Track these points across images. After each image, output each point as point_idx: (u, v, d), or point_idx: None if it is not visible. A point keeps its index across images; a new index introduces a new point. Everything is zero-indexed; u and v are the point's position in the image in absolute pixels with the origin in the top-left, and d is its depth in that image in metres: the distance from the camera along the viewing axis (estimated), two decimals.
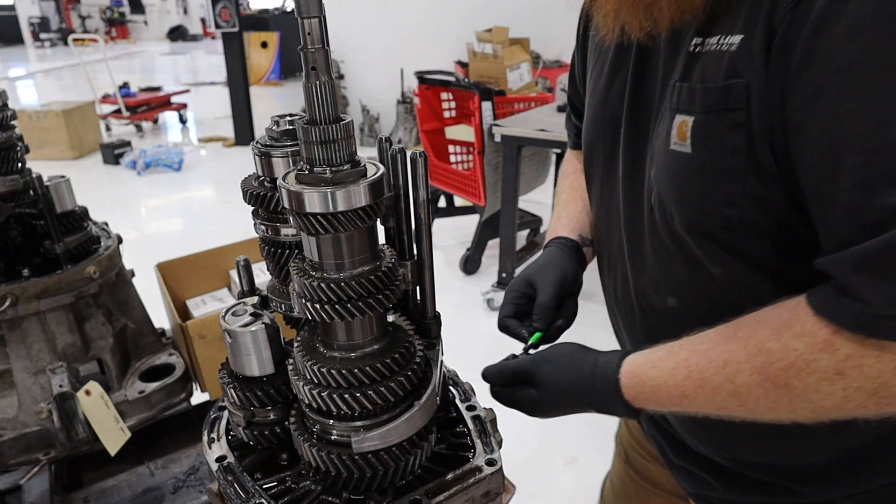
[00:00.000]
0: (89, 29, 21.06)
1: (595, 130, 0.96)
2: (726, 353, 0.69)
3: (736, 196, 0.70)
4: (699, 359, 0.71)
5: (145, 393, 1.44)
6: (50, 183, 1.34)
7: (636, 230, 0.88)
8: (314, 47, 0.56)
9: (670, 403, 0.74)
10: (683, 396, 0.72)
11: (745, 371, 0.67)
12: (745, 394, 0.67)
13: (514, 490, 0.76)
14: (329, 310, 0.61)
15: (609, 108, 0.92)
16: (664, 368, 0.74)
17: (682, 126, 0.73)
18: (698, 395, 0.71)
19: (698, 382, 0.70)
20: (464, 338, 3.27)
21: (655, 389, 0.74)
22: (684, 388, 0.72)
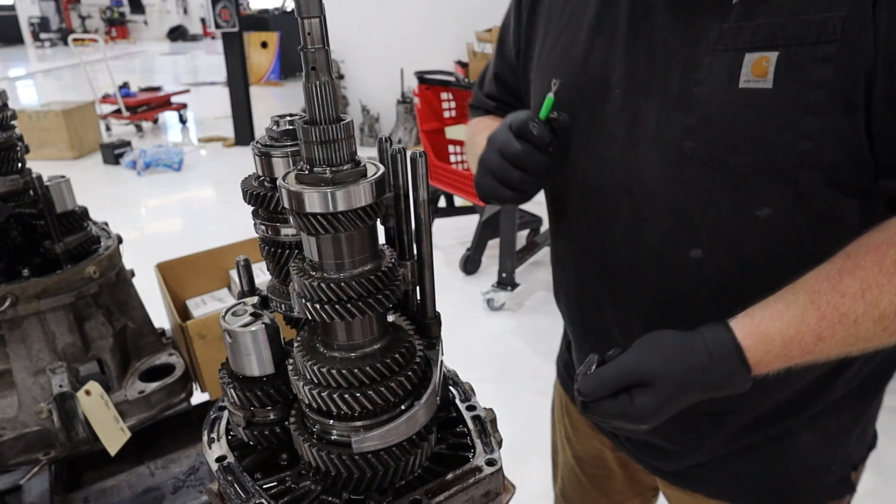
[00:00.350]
0: (89, 29, 21.07)
1: (571, 95, 0.92)
2: (861, 282, 0.68)
3: (815, 129, 0.71)
4: (829, 295, 0.70)
5: (145, 393, 1.44)
6: (50, 183, 1.34)
7: (641, 189, 0.86)
8: (314, 47, 0.56)
9: (802, 353, 0.72)
10: (819, 340, 0.70)
11: (890, 291, 0.67)
12: (892, 315, 0.68)
13: (515, 490, 0.76)
14: (329, 310, 0.61)
15: (591, 70, 0.91)
16: (790, 317, 0.71)
17: (760, 62, 0.73)
18: (837, 333, 0.70)
19: (835, 319, 0.69)
20: (464, 338, 3.27)
21: (788, 342, 0.71)
22: (820, 331, 0.70)
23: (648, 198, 0.86)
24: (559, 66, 0.96)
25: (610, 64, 0.88)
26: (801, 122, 0.72)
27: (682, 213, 0.83)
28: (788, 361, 0.73)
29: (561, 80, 0.89)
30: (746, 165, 0.76)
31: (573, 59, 0.93)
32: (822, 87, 0.70)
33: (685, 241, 0.84)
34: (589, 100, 0.91)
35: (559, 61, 0.97)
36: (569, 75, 0.94)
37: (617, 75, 0.88)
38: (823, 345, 0.71)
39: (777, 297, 0.74)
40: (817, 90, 0.70)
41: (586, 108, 0.92)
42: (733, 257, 0.82)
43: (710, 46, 0.77)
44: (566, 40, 0.95)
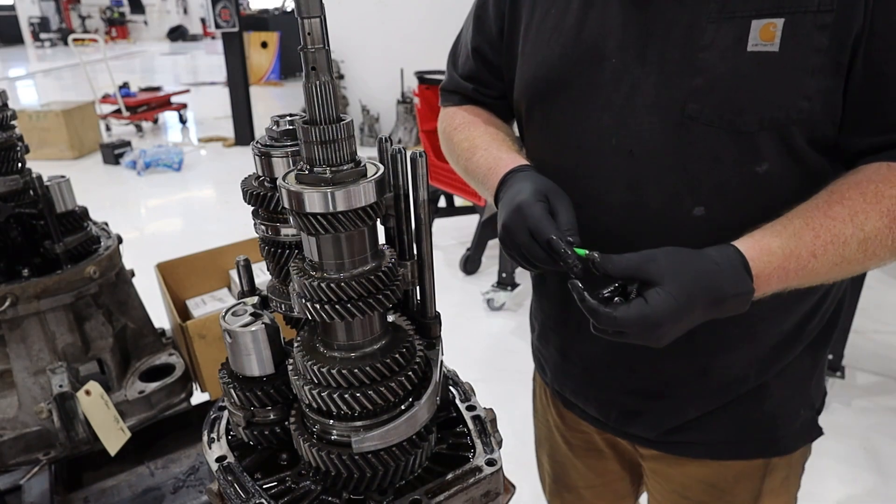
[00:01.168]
0: (89, 29, 21.07)
1: (564, 66, 0.95)
2: (847, 209, 0.78)
3: (811, 90, 0.80)
4: (822, 220, 0.78)
5: (145, 393, 1.44)
6: (50, 183, 1.34)
7: (642, 152, 0.90)
8: (314, 47, 0.56)
9: (798, 268, 0.78)
10: (813, 256, 0.77)
11: (874, 216, 0.77)
12: (873, 239, 0.77)
13: (514, 490, 0.76)
14: (329, 310, 0.61)
15: (585, 41, 0.94)
16: (788, 235, 0.78)
17: (767, 28, 0.80)
18: (829, 252, 0.77)
19: (828, 239, 0.77)
20: (464, 338, 3.27)
21: (787, 255, 0.77)
22: (814, 248, 0.77)
23: (650, 161, 0.90)
24: (550, 38, 0.98)
25: (604, 34, 0.92)
26: (802, 83, 0.80)
27: (686, 173, 0.88)
28: (785, 278, 0.78)
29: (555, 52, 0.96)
30: (752, 123, 0.83)
31: (566, 31, 0.96)
32: (819, 51, 0.78)
33: (688, 200, 0.89)
34: (584, 70, 0.94)
35: (550, 34, 0.98)
36: (562, 46, 0.96)
37: (611, 45, 0.91)
38: (816, 262, 0.78)
39: (773, 222, 0.81)
40: (816, 54, 0.78)
41: (581, 78, 0.95)
42: (734, 213, 0.87)
43: (714, 15, 0.82)
44: (556, 12, 0.98)
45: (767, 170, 0.85)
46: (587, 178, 0.96)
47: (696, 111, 0.85)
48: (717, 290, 0.75)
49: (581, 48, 0.94)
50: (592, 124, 0.94)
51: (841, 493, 2.43)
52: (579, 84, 0.95)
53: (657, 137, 0.88)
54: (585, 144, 0.96)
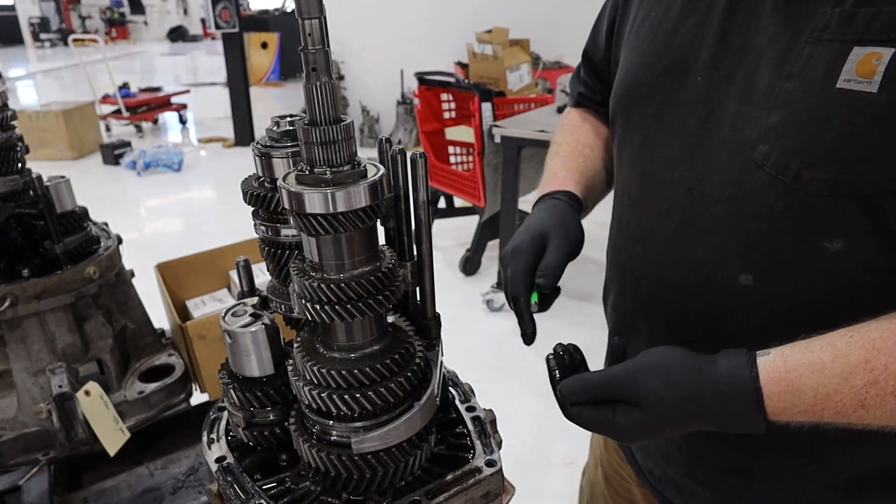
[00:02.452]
0: (89, 29, 21.07)
1: (647, 77, 0.84)
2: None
3: None
4: (889, 361, 0.58)
5: (145, 393, 1.44)
6: (50, 183, 1.34)
7: (701, 193, 0.76)
8: (315, 48, 0.56)
9: (835, 415, 0.61)
10: (861, 406, 0.60)
11: None
12: None
13: (514, 491, 0.76)
14: (329, 310, 0.61)
15: (674, 51, 0.81)
16: (833, 374, 0.60)
17: (868, 59, 0.61)
18: (886, 405, 0.59)
19: (890, 388, 0.58)
20: (464, 339, 3.26)
21: (822, 400, 0.60)
22: (865, 398, 0.59)
23: (705, 206, 0.76)
24: (643, 44, 0.87)
25: (697, 45, 0.78)
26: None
27: (739, 231, 0.73)
28: (818, 419, 0.63)
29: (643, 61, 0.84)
30: (824, 183, 0.65)
31: (659, 38, 0.84)
32: None
33: (735, 264, 0.74)
34: (665, 85, 0.82)
35: (644, 38, 0.87)
36: (649, 56, 0.85)
37: (702, 59, 0.78)
38: (864, 413, 0.60)
39: (826, 341, 0.62)
40: None
41: (660, 94, 0.83)
42: (789, 291, 0.71)
43: (816, 34, 0.65)
44: (657, 14, 0.86)
45: (841, 249, 0.66)
46: (644, 209, 0.86)
47: (765, 155, 0.69)
48: (709, 421, 0.65)
49: (668, 59, 0.82)
50: (661, 149, 0.83)
51: None
52: (658, 100, 0.83)
53: (719, 179, 0.74)
54: (650, 172, 0.84)
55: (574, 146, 1.08)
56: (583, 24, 1.16)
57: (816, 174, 0.65)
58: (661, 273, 0.83)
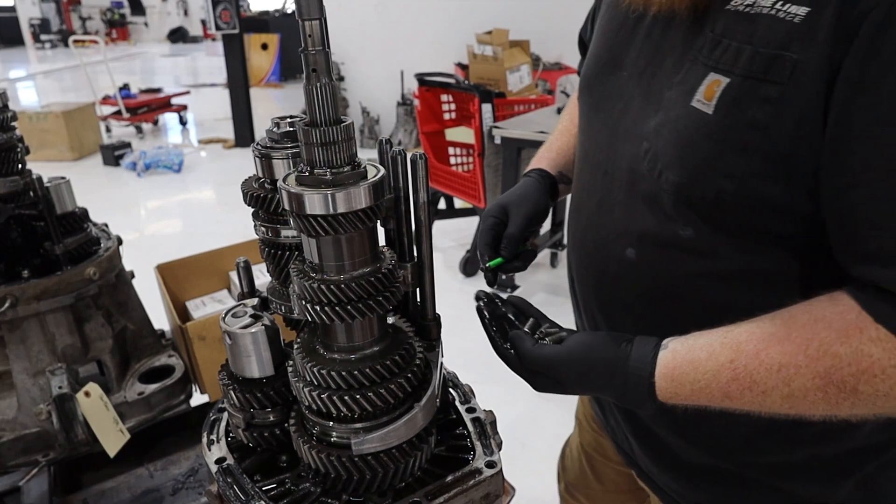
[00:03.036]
0: (90, 30, 21.07)
1: (596, 68, 0.93)
2: (781, 356, 0.66)
3: (738, 170, 0.69)
4: (748, 361, 0.68)
5: (145, 394, 1.44)
6: (50, 184, 1.34)
7: (612, 175, 0.87)
8: (315, 49, 0.56)
9: (710, 402, 0.73)
10: (726, 397, 0.71)
11: (806, 375, 0.65)
12: (800, 397, 0.66)
13: (514, 492, 0.76)
14: (329, 312, 0.61)
15: (615, 46, 0.89)
16: (706, 370, 0.71)
17: (713, 85, 0.70)
18: (744, 397, 0.69)
19: (746, 385, 0.69)
20: (464, 340, 3.26)
21: (696, 392, 0.72)
22: (729, 391, 0.70)
23: (613, 187, 0.87)
24: (598, 36, 0.97)
25: (630, 45, 0.87)
26: (727, 159, 0.69)
27: (628, 210, 0.84)
28: (696, 404, 0.74)
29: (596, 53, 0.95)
30: (671, 185, 0.75)
31: (609, 33, 0.93)
32: (755, 128, 0.66)
33: (625, 239, 0.85)
34: (605, 75, 0.91)
35: (600, 31, 0.97)
36: (599, 47, 0.94)
37: (630, 57, 0.86)
38: (730, 402, 0.71)
39: (706, 340, 0.73)
40: (751, 131, 0.67)
41: (601, 83, 0.92)
42: (660, 267, 0.82)
43: (694, 53, 0.74)
44: (612, 10, 0.94)
45: (692, 236, 0.76)
46: (580, 185, 0.98)
47: (646, 151, 0.78)
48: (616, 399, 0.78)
49: (610, 53, 0.91)
50: (594, 133, 0.93)
51: None
52: (599, 89, 0.93)
53: (621, 165, 0.84)
54: (587, 153, 0.96)
55: (566, 125, 1.22)
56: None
57: (670, 176, 0.75)
58: (584, 241, 0.96)
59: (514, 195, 1.08)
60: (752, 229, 0.73)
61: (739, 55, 0.67)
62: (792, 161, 0.66)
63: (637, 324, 0.88)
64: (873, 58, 0.58)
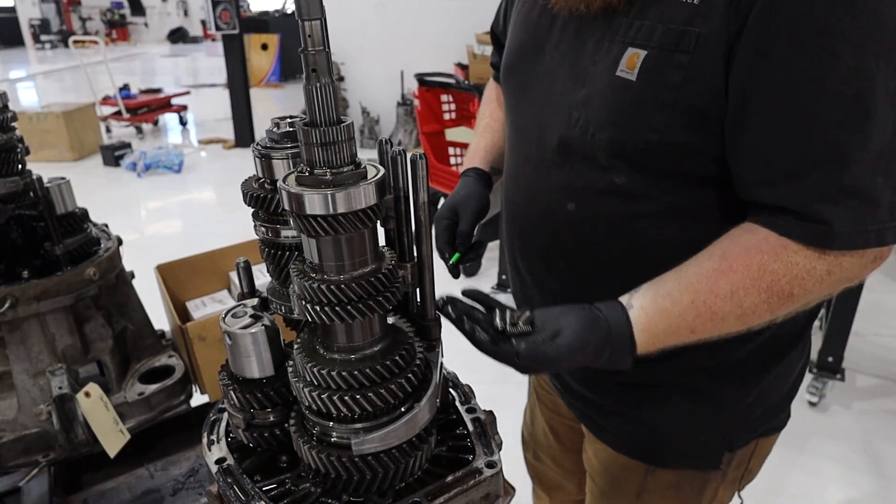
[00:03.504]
0: (90, 31, 21.08)
1: (520, 53, 1.06)
2: (731, 284, 0.79)
3: (661, 123, 0.83)
4: (706, 297, 0.80)
5: (145, 395, 1.44)
6: (50, 185, 1.34)
7: (545, 143, 0.98)
8: (315, 49, 0.56)
9: (678, 341, 0.83)
10: (692, 332, 0.81)
11: (753, 294, 0.78)
12: (750, 313, 0.80)
13: (514, 492, 0.76)
14: (329, 312, 0.61)
15: (535, 35, 1.02)
16: (673, 315, 0.81)
17: (633, 57, 0.84)
18: (706, 327, 0.81)
19: (707, 317, 0.80)
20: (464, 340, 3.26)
21: (668, 336, 0.82)
22: (694, 326, 0.81)
23: (547, 154, 0.99)
24: (518, 27, 1.09)
25: (550, 32, 0.99)
26: (651, 115, 0.83)
27: (565, 170, 0.96)
28: (667, 346, 0.84)
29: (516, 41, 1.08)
30: (605, 143, 0.88)
31: (528, 24, 1.05)
32: (671, 88, 0.81)
33: (565, 195, 0.97)
34: (528, 61, 1.04)
35: (519, 23, 1.09)
36: (521, 36, 1.07)
37: (550, 43, 0.99)
38: (694, 336, 0.82)
39: (665, 289, 0.82)
40: (667, 90, 0.81)
41: (525, 67, 1.05)
42: (599, 214, 0.94)
43: (611, 34, 0.87)
44: (528, 5, 1.07)
45: (625, 182, 0.90)
46: (514, 158, 1.10)
47: (576, 119, 0.92)
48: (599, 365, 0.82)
49: (531, 41, 1.03)
50: (524, 110, 1.05)
51: (840, 496, 2.43)
52: (523, 72, 1.05)
53: (553, 133, 0.96)
54: (519, 128, 1.08)
55: (488, 122, 1.37)
56: None
57: (602, 136, 0.88)
58: (527, 205, 1.06)
59: (459, 196, 1.23)
60: (675, 172, 0.87)
61: (653, 32, 0.82)
62: (703, 113, 0.81)
63: (575, 265, 1.02)
64: (766, 27, 0.73)
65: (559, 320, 0.82)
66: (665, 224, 0.91)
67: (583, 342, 0.80)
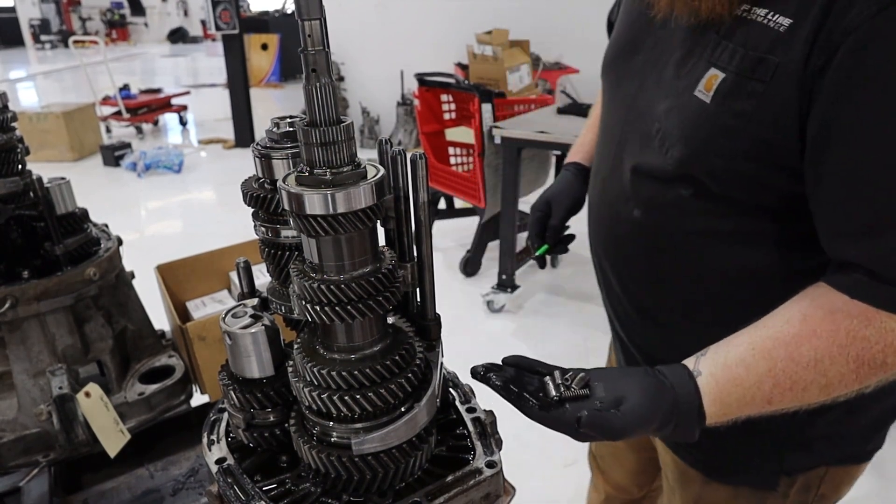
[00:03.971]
0: (90, 31, 21.07)
1: (617, 50, 1.06)
2: (814, 352, 0.73)
3: (727, 151, 0.81)
4: (785, 366, 0.74)
5: (145, 395, 1.44)
6: (50, 185, 1.34)
7: (625, 146, 0.99)
8: (315, 49, 0.56)
9: (752, 412, 0.78)
10: (768, 404, 0.77)
11: (840, 363, 0.72)
12: (836, 383, 0.74)
13: (514, 492, 0.76)
14: (329, 312, 0.61)
15: (633, 32, 1.01)
16: (748, 385, 0.76)
17: (711, 79, 0.81)
18: (785, 397, 0.76)
19: (787, 387, 0.75)
20: (464, 340, 3.27)
21: (742, 405, 0.77)
22: (772, 397, 0.76)
23: (625, 156, 0.99)
24: (620, 21, 1.08)
25: (647, 34, 0.97)
26: (717, 141, 0.81)
27: (636, 176, 0.96)
28: (736, 417, 0.79)
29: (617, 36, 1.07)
30: (675, 159, 0.88)
31: (630, 20, 1.03)
32: (741, 116, 0.78)
33: (633, 200, 0.97)
34: (624, 58, 1.03)
35: (622, 18, 1.08)
36: (619, 33, 1.06)
37: (646, 45, 0.97)
38: (770, 407, 0.77)
39: (738, 358, 0.77)
40: (737, 118, 0.78)
41: (621, 65, 1.04)
42: (661, 225, 0.95)
43: (700, 51, 0.85)
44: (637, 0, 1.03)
45: (692, 195, 0.89)
46: (599, 155, 1.11)
47: (656, 130, 0.91)
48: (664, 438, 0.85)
49: (629, 38, 1.02)
50: (613, 109, 1.05)
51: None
52: (618, 70, 1.04)
53: (633, 139, 0.97)
54: (606, 126, 1.08)
55: (593, 119, 1.36)
56: (582, 24, 1.20)
57: (674, 152, 0.87)
58: (599, 203, 1.09)
59: (554, 190, 1.27)
60: (737, 198, 0.85)
61: (734, 55, 0.79)
62: (771, 145, 0.78)
63: (641, 278, 1.01)
64: (856, 67, 0.68)
65: (619, 385, 0.76)
66: (725, 245, 0.89)
67: (650, 412, 0.74)
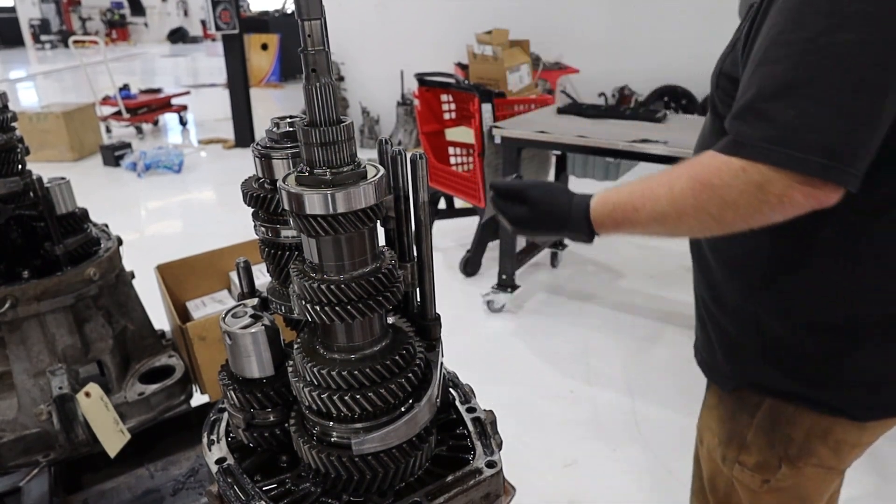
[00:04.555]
0: (90, 31, 21.07)
1: None
2: (669, 174, 0.95)
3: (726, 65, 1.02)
4: (650, 182, 0.97)
5: (145, 395, 1.44)
6: (50, 185, 1.34)
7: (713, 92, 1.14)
8: (315, 49, 0.56)
9: (624, 217, 0.97)
10: (634, 210, 0.96)
11: (682, 179, 0.91)
12: (679, 198, 0.91)
13: (514, 492, 0.76)
14: (329, 312, 0.61)
15: None
16: (622, 192, 0.99)
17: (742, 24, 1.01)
18: (645, 205, 0.94)
19: (646, 194, 0.95)
20: (464, 339, 3.26)
21: (616, 205, 0.98)
22: (634, 202, 0.96)
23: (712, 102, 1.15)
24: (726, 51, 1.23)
25: None
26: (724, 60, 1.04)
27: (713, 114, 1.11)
28: (616, 224, 0.99)
29: None
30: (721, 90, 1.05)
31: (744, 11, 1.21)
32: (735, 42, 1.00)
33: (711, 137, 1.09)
34: None
35: None
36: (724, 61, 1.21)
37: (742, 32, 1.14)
38: (637, 214, 0.95)
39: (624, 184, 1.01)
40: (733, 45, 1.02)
41: None
42: None
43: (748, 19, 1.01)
44: None
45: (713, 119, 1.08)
46: None
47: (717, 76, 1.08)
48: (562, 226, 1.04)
49: None
50: None
51: (840, 494, 2.43)
52: None
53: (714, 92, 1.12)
54: None
55: None
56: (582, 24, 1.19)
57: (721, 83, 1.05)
58: None
59: None
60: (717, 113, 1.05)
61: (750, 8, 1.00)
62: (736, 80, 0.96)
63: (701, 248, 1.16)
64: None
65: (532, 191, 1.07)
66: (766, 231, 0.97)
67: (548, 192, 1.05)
